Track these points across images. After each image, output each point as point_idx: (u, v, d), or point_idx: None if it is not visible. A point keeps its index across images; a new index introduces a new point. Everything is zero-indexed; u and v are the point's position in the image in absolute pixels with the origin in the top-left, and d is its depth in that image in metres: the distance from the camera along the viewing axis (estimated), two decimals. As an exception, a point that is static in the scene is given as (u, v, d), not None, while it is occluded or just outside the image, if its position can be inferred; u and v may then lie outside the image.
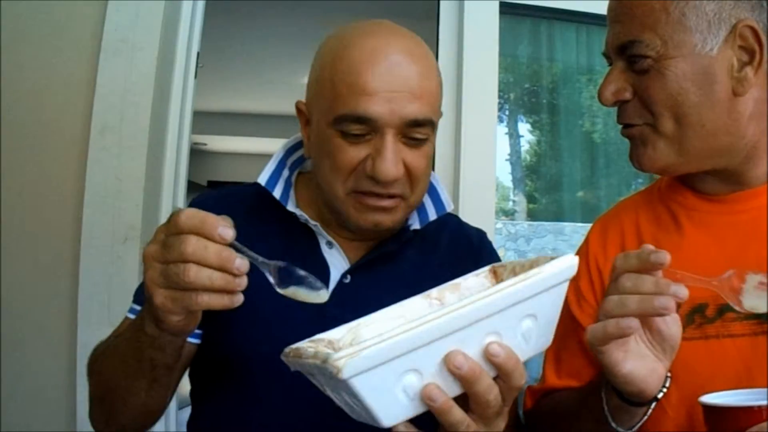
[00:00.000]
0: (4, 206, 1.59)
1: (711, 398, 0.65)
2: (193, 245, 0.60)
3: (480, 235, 1.06)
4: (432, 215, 0.98)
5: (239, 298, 0.63)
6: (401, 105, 0.81)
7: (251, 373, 0.87)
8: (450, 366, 0.59)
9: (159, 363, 0.75)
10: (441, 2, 1.94)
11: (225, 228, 0.61)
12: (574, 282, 0.84)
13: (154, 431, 1.65)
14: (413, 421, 0.63)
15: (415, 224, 0.96)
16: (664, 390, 0.71)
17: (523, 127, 2.25)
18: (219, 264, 0.61)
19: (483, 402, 0.61)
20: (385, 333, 0.57)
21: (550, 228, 2.18)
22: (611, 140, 2.22)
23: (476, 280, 0.77)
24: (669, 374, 0.71)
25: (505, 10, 1.97)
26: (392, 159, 0.82)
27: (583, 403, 0.81)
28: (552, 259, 0.65)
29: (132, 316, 0.91)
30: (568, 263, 0.64)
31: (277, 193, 0.93)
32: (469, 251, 1.01)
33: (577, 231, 2.17)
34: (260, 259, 0.66)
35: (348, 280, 0.92)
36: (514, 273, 0.72)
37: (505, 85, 2.07)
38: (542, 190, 2.27)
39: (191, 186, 1.83)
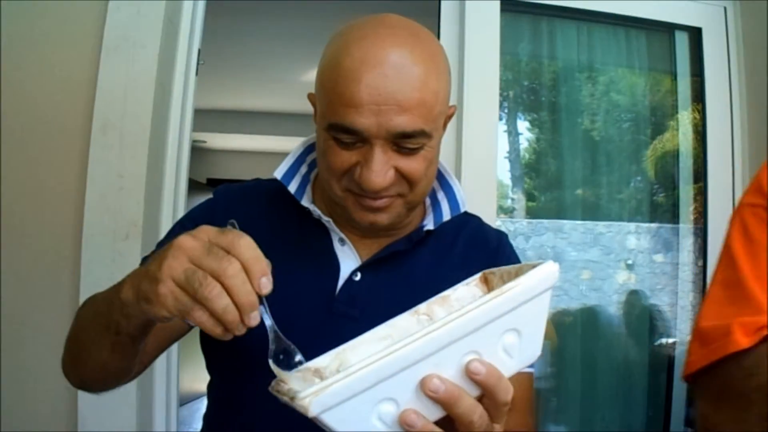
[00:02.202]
0: (5, 204, 1.59)
1: None
2: (236, 272, 0.59)
3: (500, 237, 1.04)
4: (446, 215, 0.97)
5: (229, 336, 0.62)
6: (388, 117, 0.79)
7: (259, 369, 0.87)
8: (426, 391, 0.57)
9: (123, 330, 0.73)
10: (442, 0, 1.94)
11: (267, 281, 0.60)
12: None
13: (153, 431, 1.68)
14: None
15: (429, 224, 0.95)
16: None
17: (522, 125, 2.25)
18: (241, 305, 0.60)
19: (467, 422, 0.59)
20: (353, 366, 0.55)
21: (549, 225, 2.18)
22: (611, 138, 2.22)
23: (467, 289, 0.74)
24: None
25: (506, 7, 1.97)
26: (378, 170, 0.81)
27: None
28: (535, 266, 0.62)
29: None
30: (547, 272, 0.61)
31: (292, 187, 0.94)
32: (485, 253, 0.99)
33: (576, 228, 2.18)
34: (280, 334, 0.66)
35: (358, 277, 0.91)
36: (503, 281, 0.70)
37: (505, 82, 2.07)
38: (541, 187, 2.27)
39: (191, 184, 1.83)
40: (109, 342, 0.76)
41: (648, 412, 2.18)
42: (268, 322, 0.65)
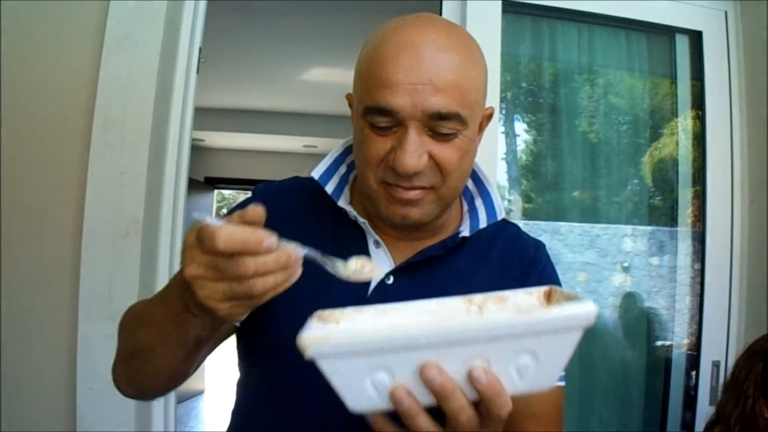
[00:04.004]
0: (6, 201, 1.59)
1: None
2: (251, 265, 0.61)
3: (537, 247, 1.02)
4: (483, 223, 0.96)
5: (297, 276, 0.65)
6: (423, 98, 0.80)
7: (288, 365, 0.88)
8: (422, 378, 0.59)
9: (204, 339, 0.75)
10: (444, 1, 1.94)
11: (268, 239, 0.61)
12: None
13: (153, 430, 1.68)
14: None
15: (465, 231, 0.94)
16: None
17: (520, 127, 2.25)
18: (279, 268, 0.62)
19: (453, 420, 0.62)
20: (363, 328, 0.59)
21: (546, 227, 2.18)
22: (609, 140, 2.23)
23: (526, 298, 0.73)
24: None
25: (508, 8, 1.98)
26: (412, 152, 0.81)
27: None
28: (575, 300, 0.62)
29: None
30: (583, 312, 0.59)
31: (329, 188, 0.95)
32: (520, 263, 0.98)
33: (573, 230, 2.18)
34: (320, 257, 0.69)
35: (390, 280, 0.91)
36: (559, 301, 0.69)
37: (503, 84, 2.07)
38: (538, 189, 2.28)
39: (189, 182, 1.83)
40: (184, 353, 0.78)
41: (644, 414, 2.19)
42: (303, 251, 0.66)
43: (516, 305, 0.72)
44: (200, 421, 5.59)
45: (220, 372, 6.52)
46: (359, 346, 0.58)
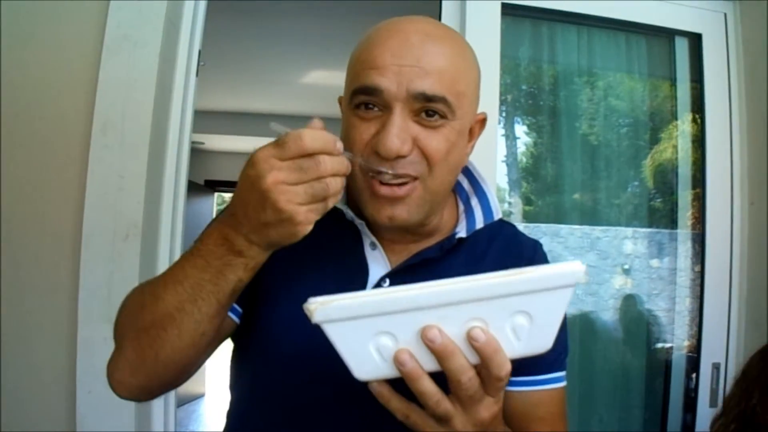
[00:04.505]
0: (5, 203, 1.59)
1: None
2: (330, 164, 0.68)
3: (535, 247, 1.01)
4: (480, 223, 0.95)
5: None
6: (409, 78, 0.80)
7: (288, 358, 0.88)
8: (424, 338, 0.62)
9: (240, 286, 0.76)
10: (443, 2, 1.94)
11: (339, 142, 0.69)
12: None
13: (153, 431, 1.68)
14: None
15: (462, 232, 0.93)
16: None
17: (520, 129, 2.25)
18: (345, 171, 0.70)
19: (455, 381, 0.64)
20: (367, 293, 0.62)
21: (546, 230, 2.18)
22: (609, 143, 2.23)
23: None
24: None
25: (507, 11, 1.97)
26: (396, 132, 0.79)
27: None
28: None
29: None
30: (569, 269, 0.63)
31: None
32: (518, 263, 0.97)
33: (573, 233, 2.18)
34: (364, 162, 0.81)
35: (386, 284, 0.89)
36: None
37: (503, 86, 2.07)
38: (539, 191, 2.28)
39: (188, 185, 1.83)
40: (218, 305, 0.76)
41: (645, 416, 2.19)
42: (348, 155, 0.72)
43: None
44: (201, 424, 5.58)
45: (221, 375, 6.52)
46: (363, 307, 0.61)
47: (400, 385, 0.67)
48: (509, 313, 0.64)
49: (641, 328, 2.22)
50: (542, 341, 0.66)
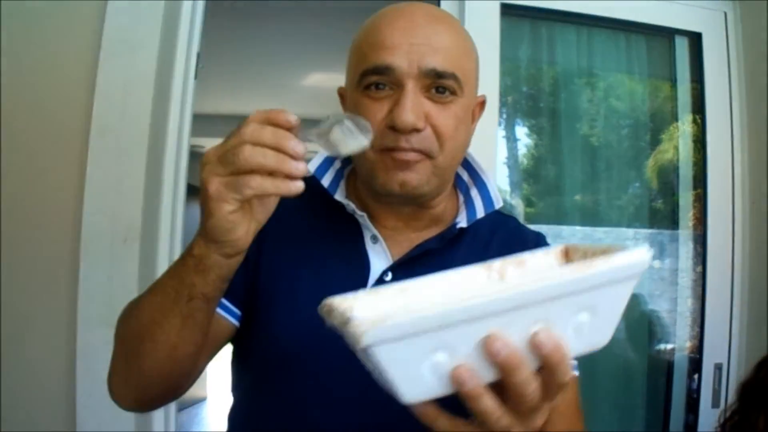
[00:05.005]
0: (4, 207, 1.58)
1: None
2: (251, 129, 0.63)
3: (538, 238, 1.00)
4: (480, 212, 0.95)
5: (297, 185, 0.64)
6: (420, 55, 0.82)
7: (290, 358, 0.87)
8: (487, 351, 0.53)
9: (197, 293, 0.71)
10: (442, 2, 1.93)
11: (289, 114, 0.64)
12: None
13: (153, 431, 1.67)
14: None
15: (462, 222, 0.93)
16: None
17: (521, 131, 2.25)
18: (274, 143, 0.62)
19: (519, 394, 0.55)
20: (419, 305, 0.51)
21: (547, 231, 2.17)
22: (610, 143, 2.22)
23: (545, 258, 0.70)
24: None
25: (506, 11, 1.97)
26: (410, 106, 0.81)
27: None
28: (623, 249, 0.57)
29: None
30: (640, 257, 0.56)
31: (325, 182, 0.93)
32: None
33: (575, 234, 2.17)
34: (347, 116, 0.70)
35: (389, 277, 0.89)
36: (585, 257, 0.64)
37: (503, 88, 2.07)
38: (540, 193, 2.27)
39: (188, 188, 1.82)
40: (180, 318, 0.72)
41: (647, 417, 2.18)
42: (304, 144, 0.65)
43: (534, 267, 0.69)
44: (203, 427, 5.58)
45: (223, 379, 6.51)
46: (421, 323, 0.51)
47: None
48: (574, 311, 0.56)
49: (643, 329, 2.22)
50: (601, 336, 0.60)
